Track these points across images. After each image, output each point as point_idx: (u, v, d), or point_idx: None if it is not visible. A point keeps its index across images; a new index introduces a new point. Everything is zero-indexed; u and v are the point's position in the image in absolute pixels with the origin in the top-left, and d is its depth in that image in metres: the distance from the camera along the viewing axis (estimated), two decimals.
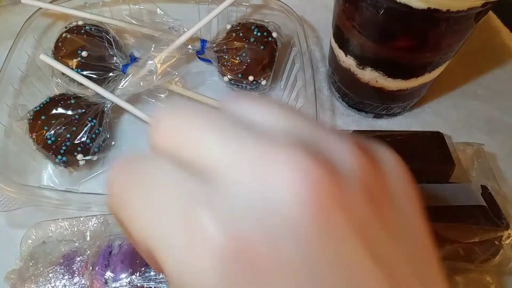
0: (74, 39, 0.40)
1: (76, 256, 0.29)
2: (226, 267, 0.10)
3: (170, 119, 0.12)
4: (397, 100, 0.41)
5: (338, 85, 0.44)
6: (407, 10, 0.30)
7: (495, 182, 0.34)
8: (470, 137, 0.39)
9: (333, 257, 0.10)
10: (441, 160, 0.34)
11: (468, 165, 0.36)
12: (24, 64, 0.40)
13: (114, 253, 0.28)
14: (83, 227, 0.31)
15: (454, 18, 0.31)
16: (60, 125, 0.35)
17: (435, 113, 0.45)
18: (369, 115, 0.44)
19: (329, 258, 0.10)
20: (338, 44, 0.40)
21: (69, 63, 0.40)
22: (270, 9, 0.45)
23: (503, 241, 0.31)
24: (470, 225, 0.30)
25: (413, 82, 0.38)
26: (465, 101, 0.46)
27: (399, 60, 0.37)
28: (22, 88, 0.39)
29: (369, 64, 0.38)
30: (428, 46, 0.34)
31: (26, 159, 0.37)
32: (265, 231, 0.10)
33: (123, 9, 0.45)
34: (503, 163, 0.41)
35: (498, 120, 0.45)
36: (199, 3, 0.45)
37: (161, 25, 0.43)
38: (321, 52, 0.49)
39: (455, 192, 0.32)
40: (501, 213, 0.31)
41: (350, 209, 0.10)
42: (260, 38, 0.41)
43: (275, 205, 0.10)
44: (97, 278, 0.27)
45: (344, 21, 0.37)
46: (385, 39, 0.35)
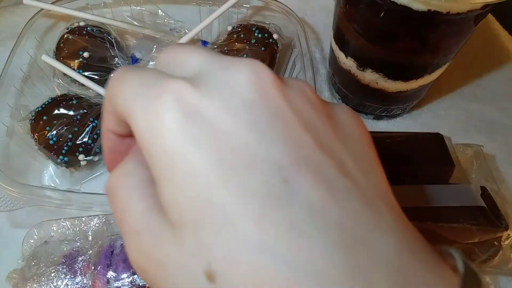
0: (76, 40, 0.40)
1: (78, 256, 0.29)
2: (186, 118, 0.13)
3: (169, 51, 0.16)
4: (397, 101, 0.42)
5: (339, 86, 0.44)
6: (407, 12, 0.31)
7: (495, 183, 0.34)
8: (469, 139, 0.39)
9: (272, 123, 0.13)
10: (440, 161, 0.34)
11: (468, 166, 0.36)
12: (26, 64, 0.40)
13: (116, 252, 0.28)
14: (85, 227, 0.31)
15: (454, 21, 0.31)
16: (62, 126, 0.35)
17: (434, 114, 0.45)
18: (369, 116, 0.45)
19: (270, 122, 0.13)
20: (339, 45, 0.40)
21: (71, 64, 0.40)
22: (270, 11, 0.45)
23: (502, 242, 0.31)
24: (469, 226, 0.30)
25: (413, 83, 0.39)
26: (464, 103, 0.46)
27: (399, 62, 0.37)
28: (24, 89, 0.39)
29: (370, 65, 0.38)
30: (428, 48, 0.34)
31: (27, 159, 0.37)
32: (225, 103, 0.13)
33: (124, 10, 0.45)
34: (502, 164, 0.41)
35: (497, 121, 0.45)
36: (200, 4, 0.46)
37: (163, 27, 0.44)
38: (322, 53, 0.49)
39: (454, 193, 0.32)
40: (500, 214, 0.31)
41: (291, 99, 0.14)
42: (261, 39, 0.41)
43: (235, 87, 0.14)
44: (99, 277, 0.28)
45: (344, 23, 0.37)
46: (385, 41, 0.35)
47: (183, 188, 0.13)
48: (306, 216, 0.12)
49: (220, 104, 0.13)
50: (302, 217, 0.12)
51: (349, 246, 0.12)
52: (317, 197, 0.13)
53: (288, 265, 0.12)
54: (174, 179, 0.13)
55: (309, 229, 0.12)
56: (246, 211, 0.12)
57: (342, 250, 0.12)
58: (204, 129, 0.13)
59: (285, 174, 0.13)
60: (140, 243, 0.14)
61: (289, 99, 0.14)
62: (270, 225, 0.12)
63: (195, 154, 0.13)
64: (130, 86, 0.14)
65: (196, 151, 0.13)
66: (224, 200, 0.12)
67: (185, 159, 0.13)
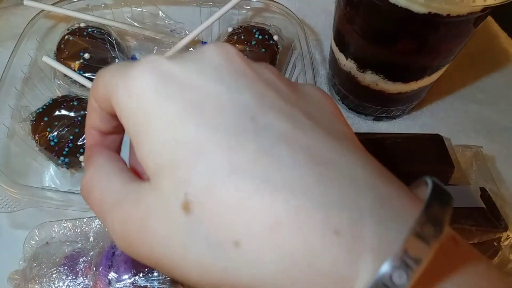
0: (76, 41, 0.40)
1: (80, 257, 0.29)
2: (161, 79, 0.14)
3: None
4: (397, 103, 0.42)
5: (339, 87, 0.44)
6: (407, 15, 0.31)
7: (494, 184, 0.34)
8: (468, 140, 0.40)
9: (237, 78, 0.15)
10: (440, 162, 0.34)
11: (467, 168, 0.36)
12: (26, 65, 0.40)
13: (118, 253, 0.28)
14: (86, 228, 0.31)
15: (454, 23, 0.31)
16: (62, 127, 0.35)
17: (434, 115, 0.46)
18: (369, 117, 0.45)
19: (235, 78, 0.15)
20: (339, 47, 0.41)
21: (71, 65, 0.40)
22: (271, 12, 0.46)
23: (501, 243, 0.31)
24: (469, 226, 0.30)
25: (413, 85, 0.39)
26: (463, 104, 0.47)
27: (400, 64, 0.37)
28: (24, 90, 0.39)
29: (370, 67, 0.38)
30: (428, 50, 0.35)
31: (28, 160, 0.37)
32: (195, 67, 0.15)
33: (125, 11, 0.45)
34: (501, 165, 0.41)
35: (496, 123, 0.45)
36: (200, 6, 0.46)
37: (163, 28, 0.44)
38: (322, 55, 0.49)
39: (454, 194, 0.32)
40: (499, 214, 0.31)
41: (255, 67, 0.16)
42: (262, 41, 0.41)
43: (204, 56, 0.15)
44: (100, 278, 0.28)
45: (344, 24, 0.38)
46: (385, 42, 0.35)
47: (160, 137, 0.14)
48: (274, 142, 0.13)
49: (190, 68, 0.15)
50: (270, 143, 0.13)
51: (319, 164, 0.13)
52: (283, 129, 0.13)
53: (261, 181, 0.12)
54: (151, 131, 0.14)
55: (279, 151, 0.13)
56: (216, 142, 0.13)
57: (312, 167, 0.13)
58: (176, 86, 0.14)
59: (252, 113, 0.14)
60: (122, 212, 0.15)
61: (253, 66, 0.16)
62: (240, 151, 0.13)
63: (169, 106, 0.14)
64: (110, 70, 0.16)
65: (171, 103, 0.14)
66: (196, 136, 0.13)
67: (160, 111, 0.14)
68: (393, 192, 0.13)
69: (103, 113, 0.17)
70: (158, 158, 0.14)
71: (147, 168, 0.14)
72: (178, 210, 0.13)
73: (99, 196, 0.16)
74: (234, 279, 0.13)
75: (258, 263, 0.12)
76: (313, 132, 0.14)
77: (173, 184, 0.13)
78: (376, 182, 0.13)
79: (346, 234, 0.12)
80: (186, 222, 0.13)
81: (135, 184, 0.15)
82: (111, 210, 0.15)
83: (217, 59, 0.15)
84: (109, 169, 0.17)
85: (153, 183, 0.14)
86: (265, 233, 0.12)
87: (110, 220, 0.15)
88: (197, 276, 0.13)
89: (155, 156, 0.14)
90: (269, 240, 0.12)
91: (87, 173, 0.17)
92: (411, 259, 0.11)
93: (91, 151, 0.18)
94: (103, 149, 0.18)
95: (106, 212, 0.15)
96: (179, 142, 0.13)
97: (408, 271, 0.11)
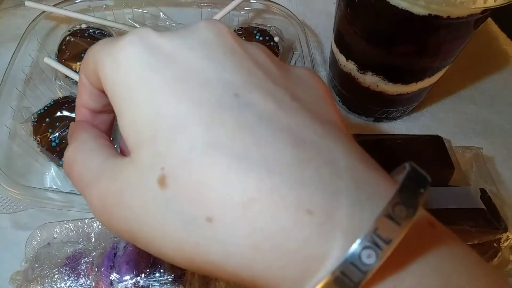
0: (78, 42, 0.40)
1: (81, 258, 0.29)
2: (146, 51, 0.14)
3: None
4: (397, 104, 0.42)
5: (339, 89, 0.44)
6: (408, 16, 0.31)
7: (494, 185, 0.34)
8: (468, 141, 0.40)
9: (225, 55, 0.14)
10: (440, 163, 0.34)
11: (467, 169, 0.36)
12: (28, 66, 0.40)
13: (119, 254, 0.29)
14: (88, 229, 0.31)
15: (454, 25, 0.31)
16: (64, 128, 0.35)
17: (434, 117, 0.46)
18: (369, 119, 0.45)
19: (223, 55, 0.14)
20: (339, 48, 0.41)
21: (73, 66, 0.40)
22: (271, 14, 0.46)
23: (501, 244, 0.31)
24: (469, 227, 0.30)
25: (413, 86, 0.39)
26: (463, 106, 0.47)
27: (400, 65, 0.37)
28: (26, 91, 0.39)
29: (370, 68, 0.38)
30: (428, 52, 0.35)
31: (30, 161, 0.37)
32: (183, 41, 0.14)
33: (126, 12, 0.46)
34: (501, 166, 0.41)
35: (496, 124, 0.45)
36: (201, 7, 0.46)
37: (164, 29, 0.44)
38: (322, 56, 0.50)
39: (454, 195, 0.32)
40: (499, 215, 0.31)
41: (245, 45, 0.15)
42: (262, 42, 0.41)
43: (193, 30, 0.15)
44: (102, 279, 0.28)
45: (345, 26, 0.38)
46: (386, 44, 0.35)
47: (142, 108, 0.14)
48: (256, 120, 0.13)
49: (178, 42, 0.14)
50: (252, 121, 0.13)
51: (297, 145, 0.13)
52: (266, 109, 0.13)
53: (238, 157, 0.12)
54: (134, 102, 0.14)
55: (259, 129, 0.13)
56: (197, 117, 0.13)
57: (290, 147, 0.13)
58: (162, 59, 0.14)
59: (237, 90, 0.14)
60: (101, 186, 0.15)
61: (244, 45, 0.15)
62: (220, 126, 0.13)
63: (153, 78, 0.14)
64: (99, 44, 0.16)
65: (155, 75, 0.14)
66: (178, 111, 0.13)
67: (144, 82, 0.14)
68: (371, 176, 0.13)
69: (93, 90, 0.17)
70: (139, 131, 0.14)
71: (127, 140, 0.14)
72: (154, 184, 0.13)
73: (80, 171, 0.16)
74: (205, 255, 0.13)
75: (229, 240, 0.12)
76: (296, 114, 0.14)
77: (150, 158, 0.13)
78: (355, 165, 0.13)
79: (319, 214, 0.12)
80: (161, 197, 0.13)
81: (116, 159, 0.15)
82: (90, 184, 0.15)
83: (207, 35, 0.15)
84: (92, 145, 0.17)
85: (132, 157, 0.14)
86: (238, 210, 0.12)
87: (89, 195, 0.15)
88: (171, 251, 0.13)
89: (135, 128, 0.14)
90: (241, 217, 0.12)
91: (70, 148, 0.17)
92: (381, 239, 0.11)
93: (75, 126, 0.18)
94: (88, 126, 0.18)
95: (86, 186, 0.15)
96: (160, 115, 0.13)
97: (378, 251, 0.11)
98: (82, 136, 0.17)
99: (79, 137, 0.17)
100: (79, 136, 0.17)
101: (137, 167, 0.14)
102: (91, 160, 0.16)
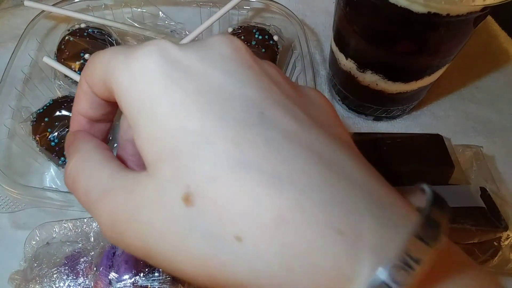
0: (77, 41, 0.40)
1: (80, 257, 0.29)
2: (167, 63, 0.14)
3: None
4: (397, 103, 0.42)
5: (339, 88, 0.44)
6: (407, 15, 0.31)
7: (494, 184, 0.34)
8: (468, 140, 0.40)
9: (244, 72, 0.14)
10: (440, 162, 0.34)
11: (467, 167, 0.36)
12: (27, 66, 0.40)
13: (118, 253, 0.29)
14: (87, 228, 0.31)
15: (454, 23, 0.31)
16: (63, 127, 0.35)
17: (434, 115, 0.46)
18: (369, 117, 0.45)
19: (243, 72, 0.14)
20: (339, 47, 0.41)
21: (72, 66, 0.40)
22: (271, 13, 0.46)
23: (502, 242, 0.31)
24: (469, 226, 0.30)
25: (413, 85, 0.39)
26: (463, 104, 0.47)
27: (399, 64, 0.37)
28: (25, 90, 0.39)
29: (369, 67, 0.38)
30: (428, 50, 0.35)
31: (29, 160, 0.37)
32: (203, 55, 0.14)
33: (125, 12, 0.46)
34: (501, 165, 0.41)
35: (496, 122, 0.45)
36: (201, 6, 0.46)
37: (163, 28, 0.44)
38: (322, 55, 0.50)
39: (454, 194, 0.32)
40: (499, 214, 0.31)
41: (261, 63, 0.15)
42: (262, 41, 0.41)
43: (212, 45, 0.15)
44: (101, 278, 0.28)
45: (344, 24, 0.38)
46: (385, 42, 0.35)
47: (163, 122, 0.13)
48: (282, 138, 0.13)
49: (197, 56, 0.14)
50: (279, 138, 0.13)
51: (324, 164, 0.13)
52: (289, 126, 0.13)
53: (268, 175, 0.12)
54: (154, 115, 0.13)
55: (286, 147, 0.13)
56: (223, 133, 0.13)
57: (317, 166, 0.13)
58: (183, 72, 0.14)
59: (260, 107, 0.13)
60: (113, 201, 0.14)
61: (259, 63, 0.15)
62: (249, 144, 0.13)
63: (175, 91, 0.13)
64: (108, 51, 0.15)
65: (177, 89, 0.13)
66: (202, 125, 0.13)
67: (165, 95, 0.13)
68: (391, 196, 0.13)
69: (95, 98, 0.17)
70: (160, 145, 0.13)
71: (146, 155, 0.14)
72: (178, 201, 0.13)
73: (85, 185, 0.15)
74: (231, 274, 0.12)
75: (258, 259, 0.12)
76: (315, 132, 0.14)
77: (173, 174, 0.13)
78: (374, 185, 0.13)
79: (348, 234, 0.12)
80: (185, 214, 0.12)
81: (128, 173, 0.15)
82: (99, 199, 0.14)
83: (225, 50, 0.15)
84: (97, 157, 0.16)
85: (151, 172, 0.13)
86: (269, 229, 0.12)
87: (98, 210, 0.14)
88: (191, 269, 0.13)
89: (156, 143, 0.13)
90: (272, 236, 0.12)
91: (72, 161, 0.16)
92: (413, 260, 0.11)
93: (75, 137, 0.17)
94: (89, 136, 0.17)
95: (94, 201, 0.15)
96: (183, 128, 0.13)
97: (410, 271, 0.11)
98: (85, 147, 0.16)
99: (80, 148, 0.16)
100: (81, 147, 0.17)
101: (158, 182, 0.13)
102: (99, 173, 0.15)
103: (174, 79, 0.13)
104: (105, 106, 0.17)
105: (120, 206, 0.14)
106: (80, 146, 0.17)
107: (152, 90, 0.14)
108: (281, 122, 0.13)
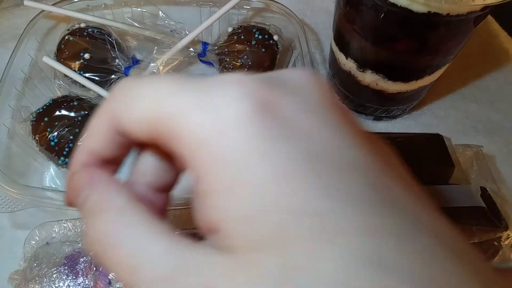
0: (77, 41, 0.40)
1: (80, 257, 0.29)
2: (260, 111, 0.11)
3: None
4: (397, 102, 0.42)
5: (339, 87, 0.44)
6: (407, 14, 0.31)
7: (494, 184, 0.34)
8: (468, 139, 0.39)
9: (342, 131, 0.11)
10: (440, 162, 0.34)
11: (468, 167, 0.36)
12: (27, 66, 0.40)
13: None
14: None
15: (454, 22, 0.31)
16: (63, 127, 0.35)
17: (434, 115, 0.46)
18: (369, 117, 0.45)
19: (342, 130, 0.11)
20: (339, 47, 0.41)
21: (72, 65, 0.40)
22: (271, 12, 0.46)
23: (502, 242, 0.31)
24: (469, 226, 0.30)
25: (413, 84, 0.39)
26: (463, 104, 0.47)
27: (399, 63, 0.37)
28: (25, 90, 0.39)
29: (370, 67, 0.38)
30: (428, 49, 0.35)
31: (28, 160, 0.37)
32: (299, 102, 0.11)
33: (125, 11, 0.46)
34: (502, 165, 0.41)
35: (496, 122, 0.45)
36: (200, 6, 0.46)
37: (163, 28, 0.44)
38: (322, 55, 0.49)
39: (454, 194, 0.32)
40: (500, 214, 0.31)
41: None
42: (262, 41, 0.41)
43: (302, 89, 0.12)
44: (100, 278, 0.28)
45: (344, 24, 0.38)
46: (385, 42, 0.35)
47: (260, 196, 0.10)
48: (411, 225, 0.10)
49: (290, 101, 0.11)
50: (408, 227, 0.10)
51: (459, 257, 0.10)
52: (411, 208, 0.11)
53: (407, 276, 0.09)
54: (248, 184, 0.10)
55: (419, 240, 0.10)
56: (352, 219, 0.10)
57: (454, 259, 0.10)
58: (282, 126, 0.11)
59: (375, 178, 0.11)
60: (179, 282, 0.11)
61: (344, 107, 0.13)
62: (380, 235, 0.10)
63: (277, 152, 0.10)
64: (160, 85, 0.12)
65: (279, 148, 0.10)
66: (323, 206, 0.10)
67: (263, 158, 0.10)
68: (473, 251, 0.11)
69: (116, 136, 0.13)
70: (254, 224, 0.10)
71: (224, 230, 0.11)
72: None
73: (131, 256, 0.11)
74: None
75: None
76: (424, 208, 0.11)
77: (282, 270, 0.09)
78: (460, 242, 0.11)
79: None
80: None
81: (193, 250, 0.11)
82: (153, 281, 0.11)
83: (317, 95, 0.12)
84: (137, 217, 0.12)
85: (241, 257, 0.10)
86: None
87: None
88: None
89: (246, 220, 0.10)
90: None
91: (101, 220, 0.12)
92: None
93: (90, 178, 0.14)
94: (113, 182, 0.14)
95: (150, 281, 0.11)
96: (297, 212, 0.10)
97: None
98: (116, 203, 0.13)
99: (109, 204, 0.13)
100: (110, 201, 0.13)
101: (254, 276, 0.10)
102: (150, 244, 0.11)
103: (272, 135, 0.10)
104: (127, 147, 0.14)
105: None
106: (107, 200, 0.13)
107: (245, 149, 0.10)
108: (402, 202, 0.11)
